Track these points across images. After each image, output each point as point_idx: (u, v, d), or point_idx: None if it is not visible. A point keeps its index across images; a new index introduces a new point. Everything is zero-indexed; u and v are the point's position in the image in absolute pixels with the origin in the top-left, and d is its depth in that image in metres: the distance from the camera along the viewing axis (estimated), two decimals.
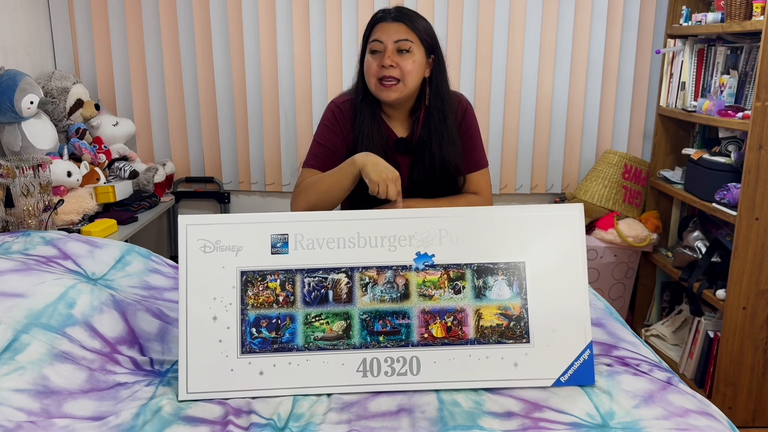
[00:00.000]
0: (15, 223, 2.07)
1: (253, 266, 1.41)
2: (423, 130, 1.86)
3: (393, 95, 1.78)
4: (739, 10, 2.37)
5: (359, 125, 1.84)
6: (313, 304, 1.40)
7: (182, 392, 1.33)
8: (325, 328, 1.38)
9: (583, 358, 1.38)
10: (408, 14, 1.80)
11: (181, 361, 1.35)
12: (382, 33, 1.78)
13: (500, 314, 1.40)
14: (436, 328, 1.39)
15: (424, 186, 1.89)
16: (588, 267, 2.92)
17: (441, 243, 1.43)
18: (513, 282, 1.42)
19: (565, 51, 3.03)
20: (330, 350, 1.37)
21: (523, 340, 1.39)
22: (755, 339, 2.37)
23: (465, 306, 1.40)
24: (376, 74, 1.78)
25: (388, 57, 1.76)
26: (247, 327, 1.38)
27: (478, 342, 1.38)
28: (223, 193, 3.21)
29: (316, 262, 1.42)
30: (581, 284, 1.42)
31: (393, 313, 1.39)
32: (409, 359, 1.37)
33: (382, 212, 1.50)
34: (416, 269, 1.42)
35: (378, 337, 1.38)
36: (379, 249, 1.43)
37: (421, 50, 1.80)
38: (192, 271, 1.39)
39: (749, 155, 2.23)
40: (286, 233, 1.43)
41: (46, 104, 2.57)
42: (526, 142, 3.12)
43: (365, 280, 1.41)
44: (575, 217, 1.45)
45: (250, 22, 3.02)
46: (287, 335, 1.38)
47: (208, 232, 1.42)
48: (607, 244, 2.92)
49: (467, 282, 1.41)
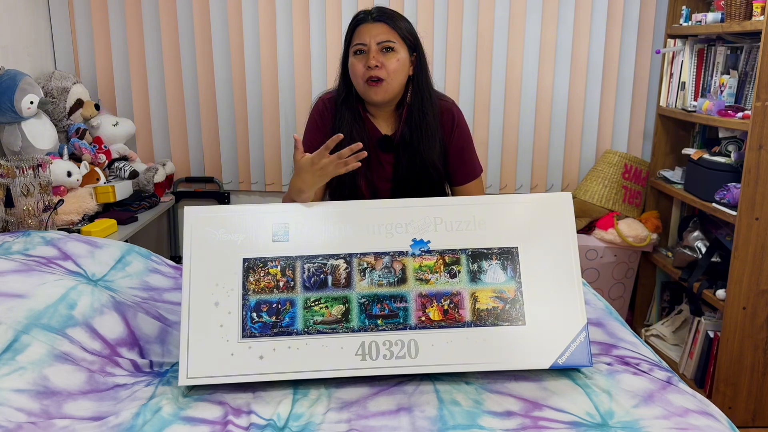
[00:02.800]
0: (15, 223, 2.07)
1: (255, 254, 1.43)
2: (404, 128, 1.87)
3: (379, 95, 1.80)
4: (739, 10, 2.37)
5: (338, 125, 1.85)
6: (312, 289, 1.42)
7: (182, 377, 1.34)
8: (325, 312, 1.40)
9: (579, 340, 1.40)
10: (389, 14, 1.82)
11: (183, 347, 1.36)
12: (365, 34, 1.79)
13: (496, 297, 1.42)
14: (433, 311, 1.41)
15: (408, 186, 1.90)
16: (588, 267, 2.94)
17: (436, 230, 1.47)
18: (507, 266, 1.45)
19: (565, 51, 3.03)
20: (329, 334, 1.39)
21: (519, 322, 1.41)
22: (755, 339, 2.37)
23: (461, 289, 1.42)
24: (363, 76, 1.79)
25: (373, 57, 1.77)
26: (248, 312, 1.40)
27: (474, 324, 1.40)
28: (223, 193, 3.22)
29: (316, 249, 1.45)
30: (574, 267, 1.45)
31: (391, 297, 1.42)
32: (407, 342, 1.39)
33: (379, 201, 1.55)
34: (413, 255, 1.45)
35: (376, 320, 1.40)
36: (377, 236, 1.47)
37: (404, 48, 1.81)
38: (195, 259, 1.43)
39: (749, 155, 2.23)
40: (286, 222, 1.47)
41: (46, 104, 2.57)
42: (526, 142, 3.12)
43: (363, 265, 1.44)
44: (564, 203, 1.50)
45: (250, 22, 3.02)
46: (287, 319, 1.39)
47: (212, 221, 1.46)
48: (607, 244, 2.92)
49: (462, 266, 1.44)
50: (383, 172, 1.91)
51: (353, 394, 1.35)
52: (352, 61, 1.81)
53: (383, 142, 1.89)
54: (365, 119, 1.89)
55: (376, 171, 1.90)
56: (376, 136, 1.89)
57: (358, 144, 1.56)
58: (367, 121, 1.89)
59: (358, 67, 1.79)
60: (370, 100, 1.83)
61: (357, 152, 1.57)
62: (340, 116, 1.86)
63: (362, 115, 1.88)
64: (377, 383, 1.38)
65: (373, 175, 1.90)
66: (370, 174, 1.89)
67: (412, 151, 1.86)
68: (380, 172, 1.91)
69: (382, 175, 1.91)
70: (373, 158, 1.86)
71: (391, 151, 1.90)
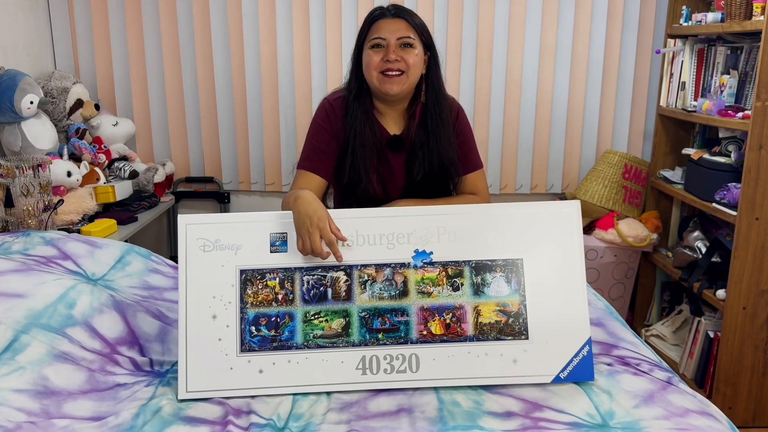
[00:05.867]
0: (15, 223, 2.07)
1: (252, 265, 1.41)
2: (419, 128, 1.86)
3: (396, 87, 1.77)
4: (739, 10, 2.37)
5: (351, 123, 1.83)
6: (312, 302, 1.40)
7: (182, 391, 1.33)
8: (324, 325, 1.39)
9: (582, 354, 1.39)
10: (406, 11, 1.82)
11: (181, 360, 1.35)
12: (384, 29, 1.78)
13: (499, 311, 1.40)
14: (435, 325, 1.39)
15: (422, 186, 1.88)
16: (588, 267, 2.94)
17: (439, 240, 1.44)
18: (511, 279, 1.42)
19: (565, 51, 3.03)
20: (329, 348, 1.38)
21: (521, 336, 1.39)
22: (755, 339, 2.37)
23: (464, 303, 1.41)
24: (379, 67, 1.77)
25: (393, 51, 1.75)
26: (247, 325, 1.38)
27: (477, 339, 1.39)
28: (223, 193, 3.21)
29: (315, 260, 1.42)
30: (579, 281, 1.43)
31: (392, 311, 1.40)
32: (408, 356, 1.37)
33: (380, 210, 1.50)
34: (415, 267, 1.43)
35: (377, 334, 1.38)
36: (378, 247, 1.43)
37: (420, 45, 1.81)
38: (191, 270, 1.40)
39: (749, 155, 2.23)
40: (285, 232, 1.44)
41: (46, 104, 2.57)
42: (526, 142, 3.12)
43: (364, 277, 1.41)
44: (572, 213, 1.46)
45: (250, 22, 3.02)
46: (286, 333, 1.38)
47: (207, 231, 1.42)
48: (607, 244, 2.92)
49: (465, 279, 1.42)
50: (391, 173, 1.90)
51: (353, 394, 1.35)
52: (368, 53, 1.79)
53: (392, 143, 1.88)
54: (374, 118, 1.88)
55: (385, 171, 1.89)
56: (384, 136, 1.88)
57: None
58: (375, 120, 1.88)
59: (375, 59, 1.77)
60: (385, 92, 1.79)
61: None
62: (353, 113, 1.83)
63: (371, 113, 1.87)
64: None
65: (382, 175, 1.89)
66: (380, 173, 1.88)
67: (429, 151, 1.84)
68: (388, 173, 1.90)
69: (390, 176, 1.90)
70: (382, 159, 1.85)
71: (399, 152, 1.89)
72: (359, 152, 1.82)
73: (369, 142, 1.83)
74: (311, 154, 1.85)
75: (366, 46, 1.80)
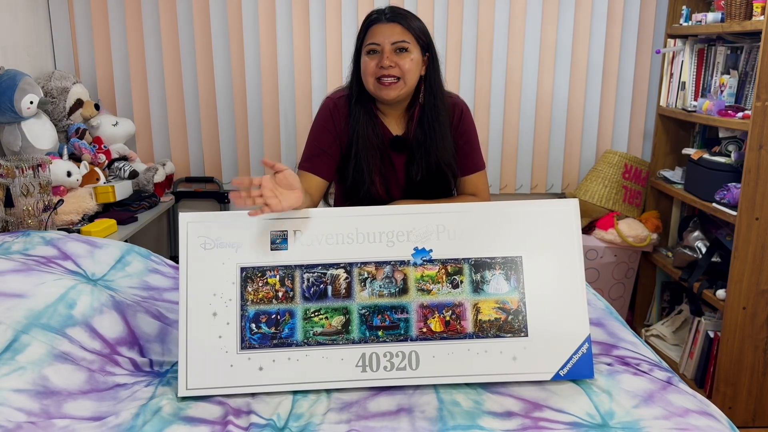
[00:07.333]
0: (15, 223, 2.07)
1: (252, 262, 1.41)
2: (417, 128, 1.86)
3: (392, 93, 1.78)
4: (739, 10, 2.37)
5: (354, 125, 1.83)
6: (312, 300, 1.40)
7: (182, 389, 1.34)
8: (324, 323, 1.39)
9: (582, 352, 1.39)
10: (402, 14, 1.80)
11: (181, 358, 1.35)
12: (379, 34, 1.77)
13: (498, 308, 1.41)
14: (435, 322, 1.40)
15: (422, 186, 1.89)
16: (588, 267, 2.94)
17: (438, 238, 1.44)
18: (510, 276, 1.43)
19: (565, 51, 3.03)
20: (329, 345, 1.38)
21: (521, 333, 1.39)
22: (755, 339, 2.37)
23: (463, 300, 1.41)
24: (374, 74, 1.77)
25: (387, 57, 1.75)
26: (247, 323, 1.38)
27: (476, 336, 1.39)
28: (222, 193, 3.21)
29: (315, 258, 1.43)
30: (578, 278, 1.43)
31: (392, 308, 1.40)
32: (408, 354, 1.38)
33: (380, 208, 1.50)
34: (414, 264, 1.43)
35: (377, 331, 1.39)
36: (378, 245, 1.44)
37: (417, 49, 1.80)
38: (192, 268, 1.40)
39: (749, 155, 2.23)
40: (285, 230, 1.44)
41: (46, 104, 2.57)
42: (526, 142, 3.12)
43: (364, 275, 1.42)
44: (571, 211, 1.47)
45: (250, 22, 3.02)
46: (287, 330, 1.38)
47: (208, 228, 1.43)
48: (607, 244, 2.92)
49: (465, 276, 1.42)
50: (394, 173, 1.90)
51: (353, 394, 1.35)
52: (364, 59, 1.80)
53: (395, 143, 1.88)
54: (377, 119, 1.88)
55: (388, 172, 1.90)
56: (387, 137, 1.88)
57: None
58: (378, 121, 1.88)
59: (370, 65, 1.78)
60: (380, 98, 1.81)
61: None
62: (356, 116, 1.84)
63: (375, 115, 1.87)
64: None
65: (385, 175, 1.89)
66: (383, 174, 1.88)
67: (426, 151, 1.85)
68: (391, 173, 1.90)
69: (392, 176, 1.90)
70: (385, 159, 1.85)
71: (402, 152, 1.89)
72: (363, 154, 1.82)
73: (372, 143, 1.83)
74: (312, 155, 1.85)
75: (363, 51, 1.81)
